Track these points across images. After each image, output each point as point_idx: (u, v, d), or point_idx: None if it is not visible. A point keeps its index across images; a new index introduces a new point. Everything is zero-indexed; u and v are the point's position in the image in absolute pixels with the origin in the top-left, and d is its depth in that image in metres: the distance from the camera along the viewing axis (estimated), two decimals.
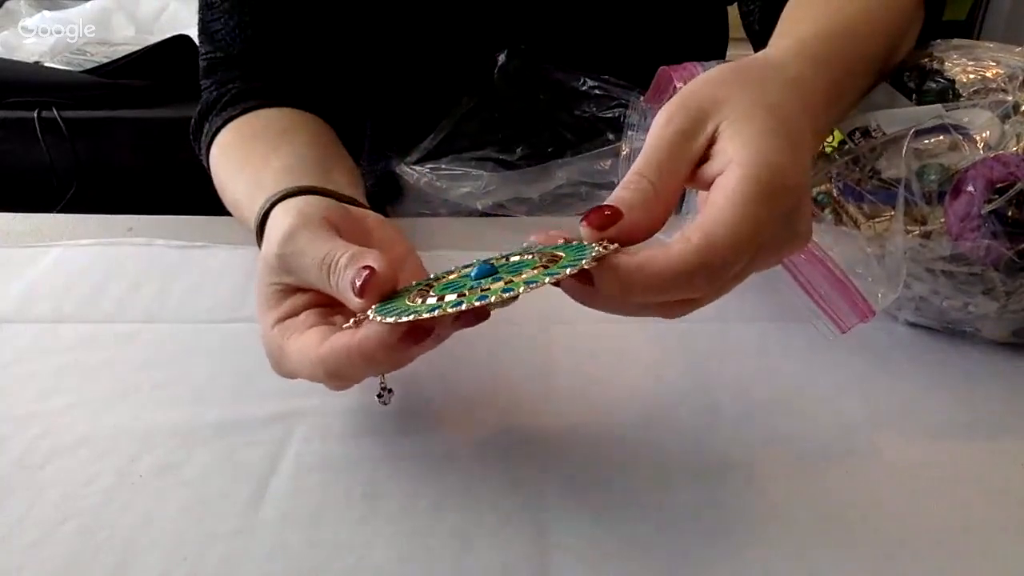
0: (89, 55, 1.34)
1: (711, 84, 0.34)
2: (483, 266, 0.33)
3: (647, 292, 0.29)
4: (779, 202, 0.30)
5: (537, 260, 0.33)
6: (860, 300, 0.37)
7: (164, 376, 0.43)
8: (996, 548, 0.34)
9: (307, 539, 0.34)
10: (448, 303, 0.31)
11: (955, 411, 0.41)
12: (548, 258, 0.32)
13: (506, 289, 0.30)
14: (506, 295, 0.30)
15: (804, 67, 0.37)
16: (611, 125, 0.63)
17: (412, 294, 0.34)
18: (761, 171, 0.30)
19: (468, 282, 0.33)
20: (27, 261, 0.54)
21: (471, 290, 0.31)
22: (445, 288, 0.33)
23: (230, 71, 0.61)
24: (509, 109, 0.64)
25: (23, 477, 0.37)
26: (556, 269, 0.31)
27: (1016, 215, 0.40)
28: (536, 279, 0.30)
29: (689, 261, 0.29)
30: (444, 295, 0.32)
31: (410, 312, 0.31)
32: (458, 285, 0.33)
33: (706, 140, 0.32)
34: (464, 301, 0.30)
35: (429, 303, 0.32)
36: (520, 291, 0.30)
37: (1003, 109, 0.42)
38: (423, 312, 0.30)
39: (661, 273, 0.29)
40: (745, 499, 0.36)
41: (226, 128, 0.58)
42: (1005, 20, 2.00)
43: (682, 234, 0.29)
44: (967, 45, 0.47)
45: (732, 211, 0.29)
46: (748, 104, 0.33)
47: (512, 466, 0.38)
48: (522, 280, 0.30)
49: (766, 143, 0.31)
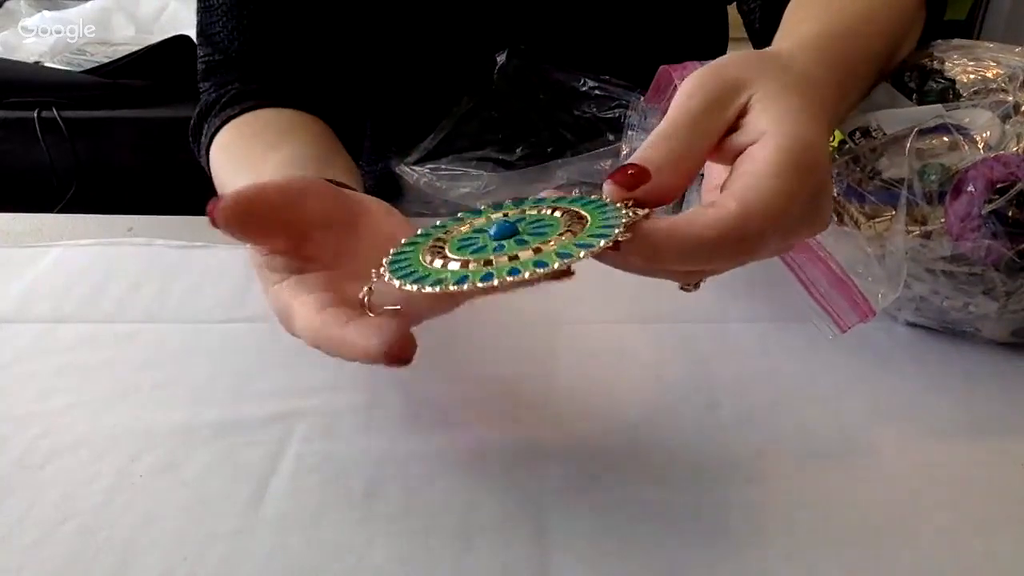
0: (89, 55, 1.34)
1: (740, 60, 0.34)
2: (503, 224, 0.31)
3: (679, 259, 0.28)
4: (811, 177, 0.30)
5: (560, 221, 0.30)
6: (861, 300, 0.37)
7: (164, 376, 0.43)
8: (996, 548, 0.34)
9: (307, 539, 0.34)
10: (475, 274, 0.28)
11: (955, 411, 0.41)
12: (571, 218, 0.30)
13: (538, 263, 0.28)
14: (540, 270, 0.27)
15: (810, 64, 0.37)
16: (611, 125, 0.63)
17: (423, 248, 0.32)
18: (796, 143, 0.30)
19: (487, 241, 0.30)
20: (27, 261, 0.54)
21: (496, 255, 0.29)
22: (462, 246, 0.31)
23: (229, 73, 0.61)
24: (509, 109, 0.64)
25: (23, 477, 0.37)
26: (587, 240, 0.28)
27: (1016, 215, 0.40)
28: (568, 251, 0.28)
29: (726, 229, 0.28)
30: (466, 259, 0.29)
31: (432, 280, 0.29)
32: (476, 244, 0.31)
33: (736, 110, 0.32)
34: (494, 274, 0.28)
35: (452, 269, 0.29)
36: (556, 265, 0.27)
37: (1003, 109, 0.42)
38: (449, 282, 0.28)
39: (695, 239, 0.28)
40: (745, 499, 0.36)
41: (225, 128, 0.58)
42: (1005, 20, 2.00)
43: (715, 200, 0.29)
44: (967, 45, 0.47)
45: (769, 181, 0.29)
46: (779, 83, 0.32)
47: (512, 466, 0.37)
48: (553, 251, 0.28)
49: (799, 118, 0.31)
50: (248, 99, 0.59)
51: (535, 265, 0.28)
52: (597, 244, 0.28)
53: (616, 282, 0.51)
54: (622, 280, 0.31)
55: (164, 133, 1.22)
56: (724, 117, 0.32)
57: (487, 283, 0.28)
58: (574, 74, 0.64)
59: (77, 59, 1.33)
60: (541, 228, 0.31)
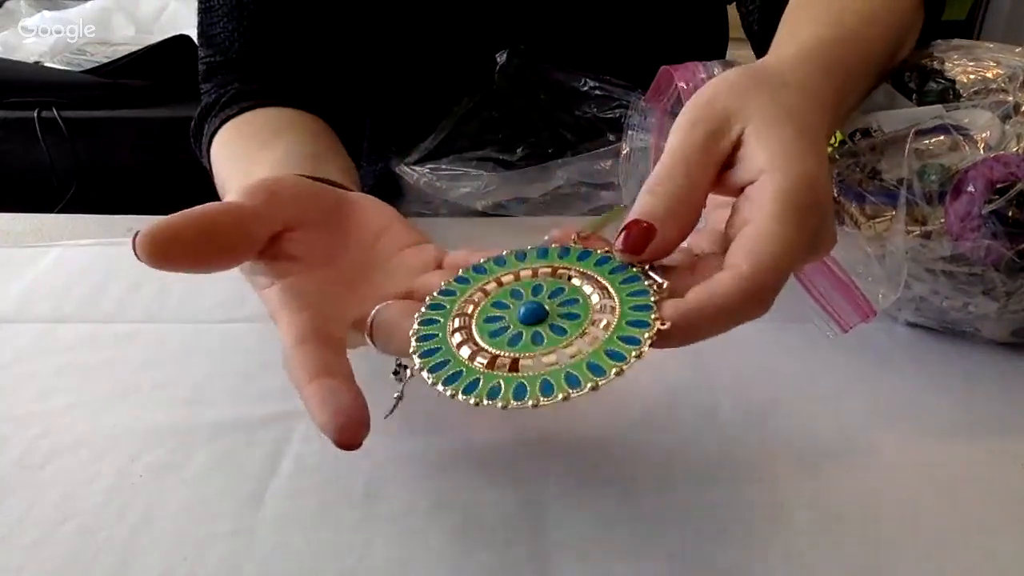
0: (89, 55, 1.34)
1: (729, 88, 0.33)
2: (531, 305, 0.31)
3: (714, 332, 0.29)
4: (814, 216, 0.30)
5: (588, 302, 0.30)
6: (862, 300, 0.37)
7: (164, 376, 0.43)
8: (996, 548, 0.34)
9: (307, 539, 0.34)
10: (509, 383, 0.28)
11: (955, 411, 0.41)
12: (599, 292, 0.30)
13: (571, 381, 0.28)
14: (573, 392, 0.27)
15: (812, 72, 0.36)
16: (611, 125, 0.63)
17: (451, 320, 0.31)
18: (795, 184, 0.29)
19: (516, 325, 0.30)
20: (27, 261, 0.54)
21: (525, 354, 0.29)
22: (488, 331, 0.30)
23: (230, 74, 0.61)
24: (509, 109, 0.64)
25: (23, 477, 0.37)
26: (627, 332, 0.28)
27: (1016, 215, 0.40)
28: (603, 368, 0.28)
29: (746, 292, 0.28)
30: (496, 354, 0.29)
31: (471, 391, 0.28)
32: (504, 329, 0.30)
33: (731, 144, 0.32)
34: (528, 392, 0.28)
35: (488, 374, 0.29)
36: (587, 387, 0.27)
37: (1003, 109, 0.42)
38: (483, 395, 0.28)
39: (724, 310, 0.28)
40: (745, 499, 0.36)
41: (225, 127, 0.58)
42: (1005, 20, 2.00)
43: (727, 261, 0.29)
44: (967, 45, 0.47)
45: (774, 230, 0.28)
46: (773, 111, 0.32)
47: (512, 466, 0.37)
48: (585, 366, 0.28)
49: (796, 151, 0.30)
50: (248, 99, 0.59)
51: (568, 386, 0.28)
52: (630, 355, 0.28)
53: None
54: None
55: (164, 133, 1.22)
56: (719, 152, 0.31)
57: (520, 402, 0.28)
58: (574, 74, 0.64)
59: (77, 59, 1.33)
60: (568, 308, 0.31)
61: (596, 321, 0.30)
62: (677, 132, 0.32)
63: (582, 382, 0.28)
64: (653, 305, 0.29)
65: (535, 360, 0.29)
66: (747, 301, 0.28)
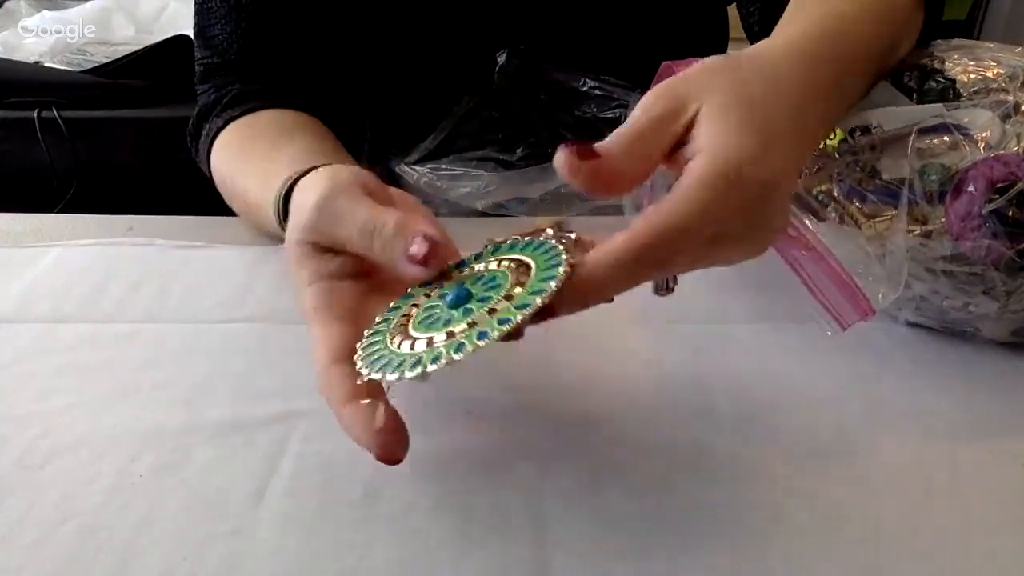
0: (89, 55, 1.34)
1: (700, 72, 0.35)
2: (458, 290, 0.33)
3: (608, 287, 0.30)
4: (738, 193, 0.31)
5: (508, 274, 0.33)
6: (861, 299, 0.37)
7: (164, 376, 0.43)
8: (996, 548, 0.34)
9: (307, 539, 0.34)
10: (430, 355, 0.31)
11: (955, 411, 0.41)
12: (518, 269, 0.33)
13: (481, 335, 0.30)
14: (481, 342, 0.30)
15: (794, 65, 0.37)
16: (611, 126, 0.62)
17: (392, 327, 0.34)
18: (721, 162, 0.31)
19: (445, 312, 0.33)
20: (27, 261, 0.54)
21: (456, 324, 0.32)
22: (423, 323, 0.33)
23: (228, 75, 0.61)
24: (509, 109, 0.64)
25: (23, 477, 0.37)
26: (525, 299, 0.31)
27: (1017, 215, 0.40)
28: (509, 317, 0.30)
29: (630, 250, 0.30)
30: (427, 336, 0.32)
31: (393, 367, 0.31)
32: (436, 318, 0.33)
33: (684, 124, 0.33)
34: (443, 354, 0.30)
35: (413, 353, 0.31)
36: (495, 336, 0.30)
37: (1004, 109, 0.42)
38: (406, 369, 0.31)
39: (612, 265, 0.30)
40: (745, 499, 0.36)
41: (227, 128, 0.58)
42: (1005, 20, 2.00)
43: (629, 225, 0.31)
44: (967, 45, 0.47)
45: (685, 197, 0.30)
46: (730, 95, 0.33)
47: (512, 466, 0.37)
48: (494, 320, 0.31)
49: (736, 134, 0.32)
50: (249, 100, 0.59)
51: (477, 338, 0.30)
52: (534, 302, 0.30)
53: None
54: None
55: (164, 133, 1.22)
56: (671, 131, 0.33)
57: (437, 365, 0.30)
58: (574, 74, 0.64)
59: (77, 59, 1.33)
60: (491, 283, 0.33)
61: (514, 287, 0.32)
62: (638, 108, 0.34)
63: (511, 320, 0.30)
64: (563, 258, 0.31)
65: (464, 327, 0.32)
66: (633, 260, 0.30)
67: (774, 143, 0.33)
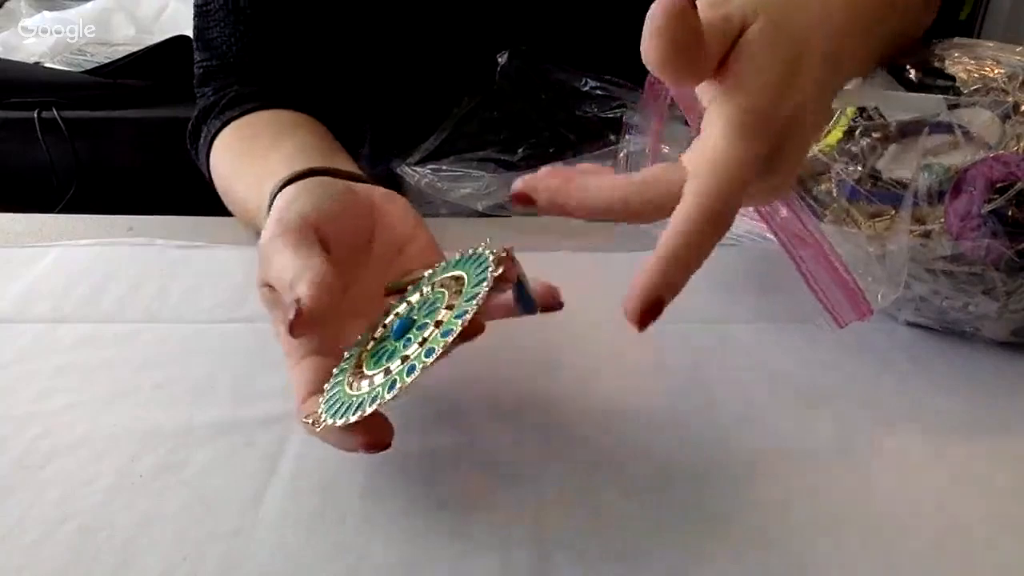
0: (89, 55, 1.34)
1: None
2: (401, 321, 0.34)
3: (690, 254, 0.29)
4: (764, 133, 0.30)
5: (445, 293, 0.34)
6: (860, 298, 0.37)
7: (164, 376, 0.43)
8: (996, 548, 0.34)
9: (307, 539, 0.34)
10: (381, 388, 0.31)
11: (955, 411, 0.41)
12: (454, 283, 0.34)
13: (429, 351, 0.31)
14: (427, 359, 0.31)
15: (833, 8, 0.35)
16: (612, 126, 0.62)
17: (348, 373, 0.34)
18: (752, 105, 0.30)
19: (392, 344, 0.34)
20: (27, 261, 0.54)
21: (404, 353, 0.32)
22: (376, 358, 0.34)
23: (227, 78, 0.62)
24: (510, 110, 0.64)
25: (23, 477, 0.37)
26: (462, 305, 0.32)
27: (1016, 215, 0.40)
28: (449, 327, 0.31)
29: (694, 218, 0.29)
30: (375, 374, 0.32)
31: (355, 409, 0.31)
32: (386, 351, 0.34)
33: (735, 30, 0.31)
34: (397, 382, 0.31)
35: (372, 389, 0.32)
36: (439, 350, 0.31)
37: (1003, 109, 0.42)
38: (366, 405, 0.31)
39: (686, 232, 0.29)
40: (745, 499, 0.36)
41: (226, 129, 0.58)
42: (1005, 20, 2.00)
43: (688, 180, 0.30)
44: (968, 44, 0.47)
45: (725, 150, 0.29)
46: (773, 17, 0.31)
47: (512, 466, 0.37)
48: (438, 334, 0.32)
49: (765, 71, 0.30)
50: (248, 101, 0.59)
51: (424, 356, 0.31)
52: (471, 307, 0.31)
53: (615, 282, 0.51)
54: (621, 280, 0.31)
55: (164, 133, 1.22)
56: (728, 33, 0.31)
57: (392, 395, 0.30)
58: (575, 74, 0.64)
59: (77, 59, 1.33)
60: (430, 307, 0.34)
61: (450, 302, 0.33)
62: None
63: (452, 329, 0.31)
64: (490, 267, 0.33)
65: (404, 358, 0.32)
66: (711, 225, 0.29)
67: (801, 72, 0.31)
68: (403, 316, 0.35)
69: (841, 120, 0.45)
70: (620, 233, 0.55)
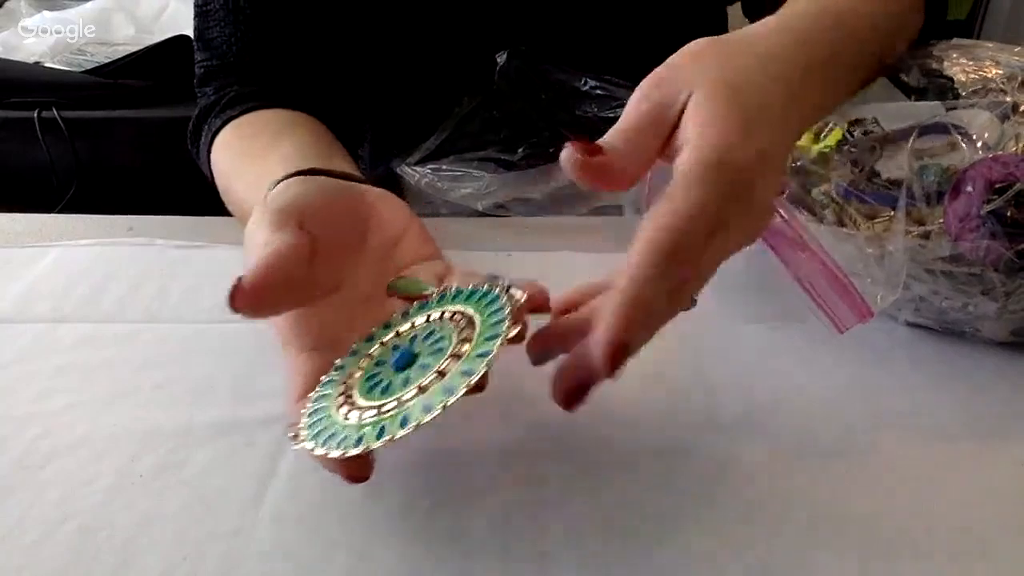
0: (89, 55, 1.34)
1: (687, 58, 0.35)
2: (403, 353, 0.33)
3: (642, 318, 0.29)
4: (725, 179, 0.30)
5: (453, 334, 0.33)
6: (859, 301, 0.37)
7: (164, 376, 0.43)
8: (996, 548, 0.34)
9: (307, 539, 0.34)
10: (372, 430, 0.30)
11: (955, 411, 0.41)
12: (464, 322, 0.33)
13: (426, 408, 0.30)
14: (427, 417, 0.29)
15: (786, 43, 0.37)
16: (612, 125, 0.63)
17: (337, 391, 0.33)
18: (705, 152, 0.30)
19: (390, 375, 0.33)
20: (27, 261, 0.54)
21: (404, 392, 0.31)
22: (370, 385, 0.33)
23: (228, 77, 0.62)
24: (510, 110, 0.64)
25: (23, 477, 0.37)
26: (471, 362, 0.30)
27: (1015, 215, 0.40)
28: (454, 386, 0.30)
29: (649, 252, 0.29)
30: (366, 408, 0.31)
31: (338, 443, 0.31)
32: (381, 382, 0.33)
33: (676, 114, 0.33)
34: (386, 428, 0.30)
35: (353, 424, 0.31)
36: (439, 410, 0.29)
37: (1002, 109, 0.42)
38: (351, 447, 0.30)
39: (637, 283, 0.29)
40: (745, 499, 0.36)
41: (226, 128, 0.58)
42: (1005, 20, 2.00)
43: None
44: (967, 45, 0.48)
45: (677, 197, 0.30)
46: (716, 79, 0.33)
47: (512, 466, 0.38)
48: (440, 388, 0.30)
49: (720, 119, 0.31)
50: (248, 100, 0.59)
51: (423, 411, 0.29)
52: (493, 348, 0.30)
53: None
54: None
55: (164, 133, 1.22)
56: (666, 121, 0.33)
57: (383, 441, 0.29)
58: (575, 74, 0.64)
59: (77, 59, 1.33)
60: (436, 344, 0.33)
61: (457, 350, 0.32)
62: (632, 100, 0.34)
63: (457, 388, 0.30)
64: (508, 307, 0.31)
65: (413, 394, 0.31)
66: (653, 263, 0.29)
67: (759, 121, 0.32)
68: (405, 343, 0.34)
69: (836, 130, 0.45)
70: (620, 233, 0.55)
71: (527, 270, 0.36)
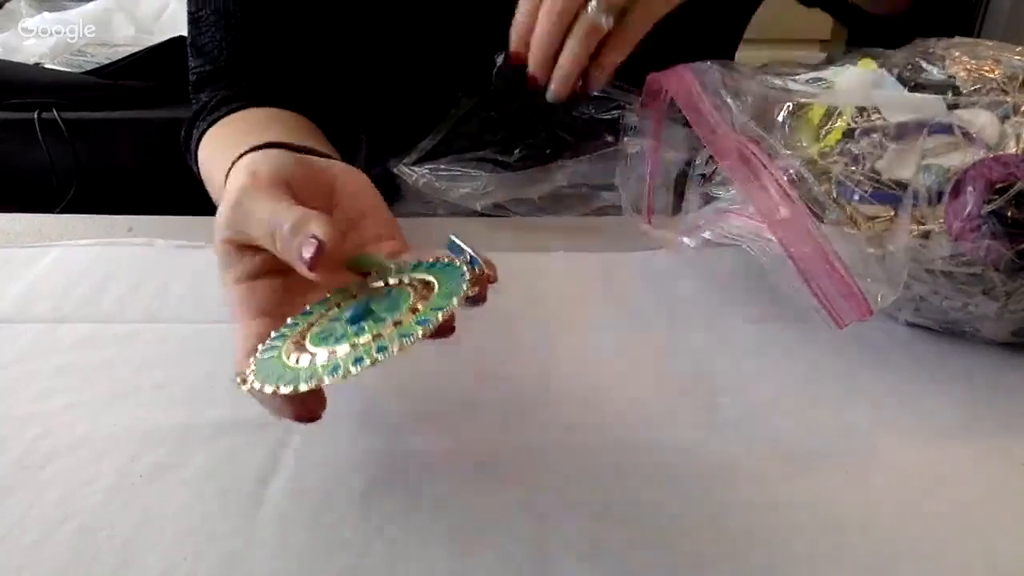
0: (89, 56, 1.34)
1: None
2: (358, 306, 0.33)
3: None
4: None
5: (411, 293, 0.33)
6: (860, 298, 0.37)
7: (164, 376, 0.43)
8: (996, 548, 0.34)
9: (307, 539, 0.34)
10: (324, 368, 0.30)
11: (955, 411, 0.41)
12: (423, 287, 0.33)
13: (380, 348, 0.29)
14: (379, 356, 0.29)
15: None
16: (609, 126, 0.62)
17: (289, 342, 0.33)
18: None
19: (343, 328, 0.32)
20: (27, 261, 0.54)
21: (359, 337, 0.31)
22: (323, 336, 0.32)
23: (220, 82, 0.62)
24: (507, 110, 0.64)
25: (23, 477, 0.37)
26: (427, 314, 0.30)
27: (1016, 215, 0.40)
28: (410, 331, 0.30)
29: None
30: (318, 352, 0.31)
31: (287, 381, 0.30)
32: (334, 333, 0.32)
33: None
34: (340, 365, 0.29)
35: (304, 367, 0.31)
36: (395, 350, 0.29)
37: (1003, 109, 0.42)
38: (300, 382, 0.30)
39: None
40: (745, 499, 0.36)
41: (213, 127, 0.59)
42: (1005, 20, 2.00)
43: None
44: (968, 43, 0.48)
45: None
46: None
47: (512, 466, 0.37)
48: (395, 333, 0.30)
49: None
50: (235, 100, 0.59)
51: (376, 351, 0.29)
52: (436, 317, 0.30)
53: (615, 283, 0.51)
54: (621, 281, 0.32)
55: (164, 134, 1.21)
56: None
57: (334, 376, 0.29)
58: None
59: (77, 60, 1.33)
60: (395, 301, 0.33)
61: (415, 305, 0.32)
62: None
63: (412, 333, 0.29)
64: (466, 282, 0.31)
65: (368, 340, 0.31)
66: None
67: None
68: (361, 301, 0.34)
69: (840, 121, 0.45)
70: (619, 233, 0.55)
71: (527, 270, 0.36)
